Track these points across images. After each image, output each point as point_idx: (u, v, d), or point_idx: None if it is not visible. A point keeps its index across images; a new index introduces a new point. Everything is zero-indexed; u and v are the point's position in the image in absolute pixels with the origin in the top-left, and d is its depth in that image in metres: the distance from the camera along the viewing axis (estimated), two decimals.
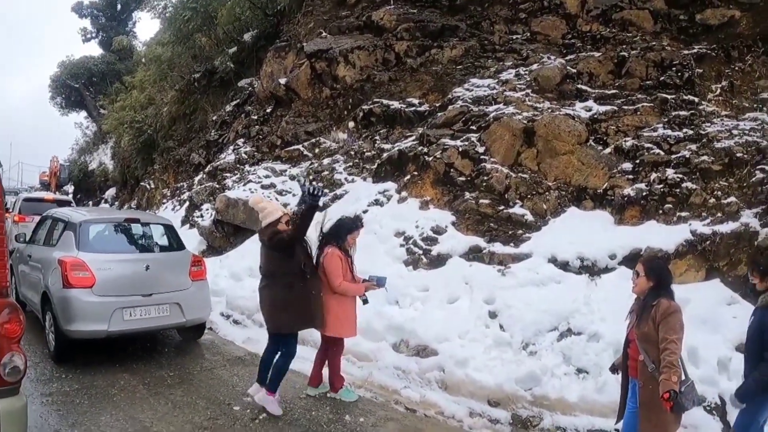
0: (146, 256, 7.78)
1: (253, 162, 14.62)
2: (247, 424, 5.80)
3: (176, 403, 6.23)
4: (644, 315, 4.58)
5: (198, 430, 5.61)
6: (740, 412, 4.93)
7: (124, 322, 7.19)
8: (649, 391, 4.48)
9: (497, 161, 9.93)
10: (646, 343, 4.54)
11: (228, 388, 6.76)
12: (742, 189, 8.44)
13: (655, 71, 10.74)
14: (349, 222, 6.64)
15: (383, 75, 13.47)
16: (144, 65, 28.32)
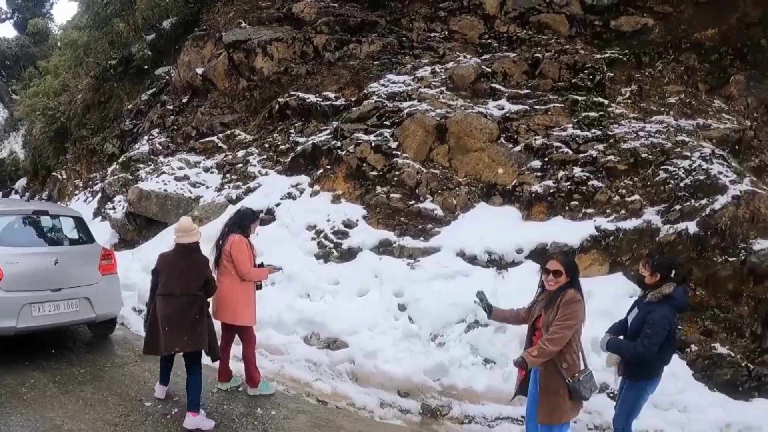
0: (55, 249, 7.48)
1: (167, 153, 14.21)
2: (159, 420, 5.81)
3: (87, 400, 6.15)
4: (552, 305, 4.68)
5: (109, 427, 5.57)
6: (625, 390, 5.22)
7: (33, 318, 6.93)
8: (549, 376, 4.62)
9: (409, 157, 9.97)
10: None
11: (139, 384, 6.70)
12: (645, 188, 8.76)
13: (567, 73, 11.00)
14: (250, 211, 6.80)
15: (301, 68, 13.32)
16: (59, 50, 27.05)
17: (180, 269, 5.79)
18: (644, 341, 4.82)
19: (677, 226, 7.89)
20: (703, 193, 8.11)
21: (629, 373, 5.15)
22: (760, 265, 7.20)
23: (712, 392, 6.62)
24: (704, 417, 6.26)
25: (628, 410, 5.23)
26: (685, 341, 7.13)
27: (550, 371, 4.61)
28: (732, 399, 6.52)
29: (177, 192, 12.28)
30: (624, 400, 5.26)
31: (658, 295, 4.99)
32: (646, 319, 4.91)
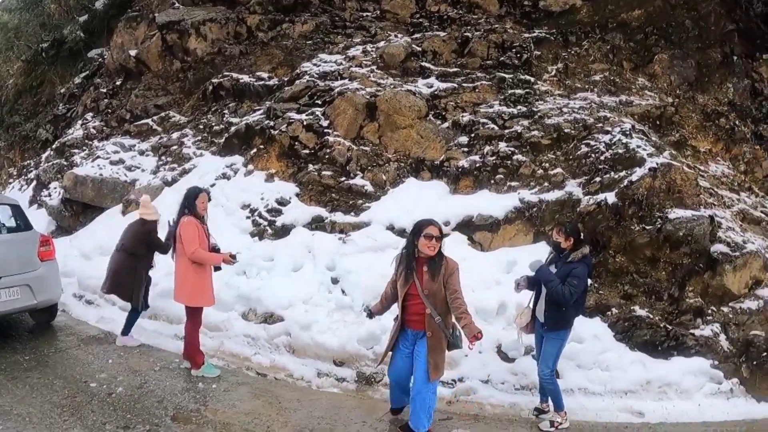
0: None
1: (101, 137, 13.94)
2: (105, 399, 5.86)
3: (34, 385, 6.15)
4: (436, 273, 5.07)
5: (57, 409, 5.59)
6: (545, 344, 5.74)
7: None
8: (435, 338, 5.08)
9: (340, 135, 10.09)
10: (435, 298, 5.08)
11: (84, 367, 6.72)
12: (568, 161, 9.11)
13: (496, 52, 11.27)
14: (193, 189, 6.76)
15: (234, 48, 13.24)
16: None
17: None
18: (570, 288, 5.43)
19: (597, 197, 8.25)
20: (622, 165, 8.49)
21: (551, 325, 5.68)
22: (675, 232, 7.63)
23: (633, 352, 6.98)
24: (625, 375, 6.67)
25: (553, 359, 5.72)
26: (606, 305, 7.51)
27: (438, 333, 5.12)
28: (651, 358, 6.91)
29: (113, 176, 12.11)
30: (546, 351, 5.73)
31: (579, 255, 5.61)
32: (571, 274, 5.49)
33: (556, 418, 5.76)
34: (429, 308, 5.07)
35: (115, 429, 5.25)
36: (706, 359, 6.89)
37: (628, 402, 6.44)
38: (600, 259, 7.90)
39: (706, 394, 6.61)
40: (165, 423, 5.42)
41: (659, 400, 6.49)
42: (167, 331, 7.97)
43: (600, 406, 6.32)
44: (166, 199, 10.13)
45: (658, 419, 6.15)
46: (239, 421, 5.55)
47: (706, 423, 6.13)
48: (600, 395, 6.52)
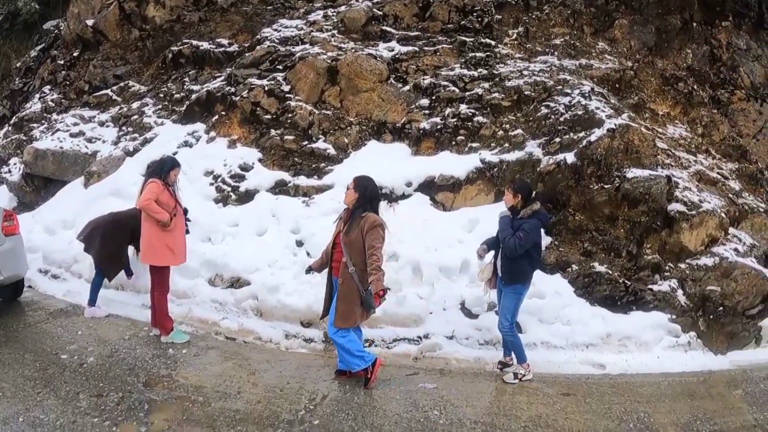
0: None
1: (60, 110, 13.64)
2: (76, 370, 5.90)
3: (4, 361, 6.11)
4: (353, 224, 5.37)
5: (29, 381, 5.61)
6: (504, 297, 5.94)
7: None
8: (346, 287, 5.39)
9: (302, 99, 10.07)
10: (351, 248, 5.34)
11: (54, 340, 6.74)
12: (528, 122, 9.23)
13: (457, 16, 11.30)
14: (170, 158, 6.99)
15: (193, 15, 13.04)
16: None
17: None
18: (518, 241, 5.62)
19: (557, 157, 8.38)
20: (581, 126, 8.63)
21: (508, 279, 5.86)
22: (633, 191, 7.81)
23: (593, 307, 7.16)
24: (586, 329, 6.85)
25: (511, 312, 5.89)
26: (566, 261, 7.69)
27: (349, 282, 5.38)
28: (611, 312, 7.10)
29: (73, 149, 11.92)
30: (504, 305, 5.92)
31: (529, 212, 5.77)
32: (521, 228, 5.68)
33: (520, 370, 5.93)
34: (345, 256, 5.37)
35: (88, 398, 5.28)
36: (664, 313, 7.09)
37: (589, 355, 6.62)
38: (560, 218, 8.08)
39: (664, 347, 6.81)
40: (137, 389, 5.49)
41: (619, 353, 6.68)
42: (135, 301, 7.98)
43: (562, 359, 6.50)
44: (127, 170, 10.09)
45: (619, 371, 6.33)
46: (210, 384, 5.62)
47: (665, 374, 6.32)
48: (562, 348, 6.69)
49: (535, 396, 5.62)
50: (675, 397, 5.79)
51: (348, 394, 5.52)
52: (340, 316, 5.44)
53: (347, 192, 5.58)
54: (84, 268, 8.82)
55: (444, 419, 5.08)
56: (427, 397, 5.52)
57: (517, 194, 5.85)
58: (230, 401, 5.30)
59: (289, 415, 5.04)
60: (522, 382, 5.88)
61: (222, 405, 5.22)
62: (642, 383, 6.06)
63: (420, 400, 5.43)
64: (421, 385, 5.76)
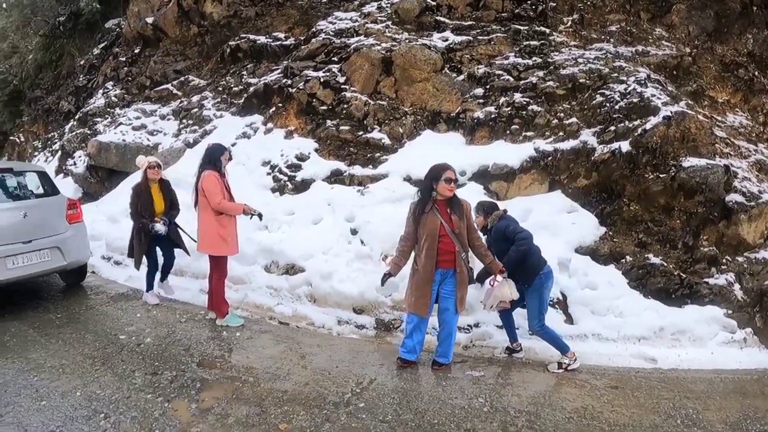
0: (22, 203, 7.53)
1: (123, 104, 14.20)
2: (134, 349, 6.10)
3: (66, 340, 6.38)
4: (460, 213, 5.45)
5: (88, 360, 5.82)
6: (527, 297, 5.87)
7: (8, 270, 7.07)
8: (462, 275, 5.49)
9: (357, 90, 10.18)
10: (460, 236, 5.43)
11: (113, 321, 6.98)
12: (582, 111, 9.06)
13: (510, 4, 11.22)
14: (218, 146, 6.95)
15: (250, 10, 13.32)
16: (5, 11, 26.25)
17: None
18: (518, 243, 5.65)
19: (611, 145, 8.21)
20: (637, 114, 8.43)
21: (526, 280, 5.81)
22: (689, 180, 7.58)
23: (647, 299, 6.97)
24: (639, 321, 6.66)
25: (538, 310, 5.81)
26: (620, 252, 7.51)
27: (464, 269, 5.52)
28: (665, 305, 6.88)
29: (135, 141, 12.36)
30: (530, 306, 5.86)
31: (495, 218, 5.94)
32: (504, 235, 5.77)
33: (564, 360, 5.80)
34: (458, 246, 5.42)
35: (143, 375, 5.46)
36: (719, 308, 6.82)
37: (641, 348, 6.42)
38: (614, 208, 7.94)
39: (719, 342, 6.54)
40: (191, 368, 5.64)
41: (672, 347, 6.47)
42: (193, 286, 8.20)
43: (613, 352, 6.34)
44: (189, 160, 10.39)
45: (670, 366, 6.12)
46: (262, 365, 5.74)
47: (717, 371, 6.07)
48: (613, 341, 6.53)
49: (583, 387, 5.49)
50: (726, 395, 5.56)
51: (395, 379, 5.54)
52: (460, 302, 5.59)
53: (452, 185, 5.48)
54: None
55: (488, 407, 5.02)
56: (473, 384, 5.48)
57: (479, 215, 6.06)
58: (279, 382, 5.38)
59: (336, 398, 5.08)
60: (567, 371, 5.77)
61: (271, 386, 5.30)
62: (693, 379, 5.85)
63: (466, 388, 5.39)
64: (468, 373, 5.73)
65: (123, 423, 4.59)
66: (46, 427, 4.53)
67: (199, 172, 6.71)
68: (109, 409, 4.82)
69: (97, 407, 4.84)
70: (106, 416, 4.69)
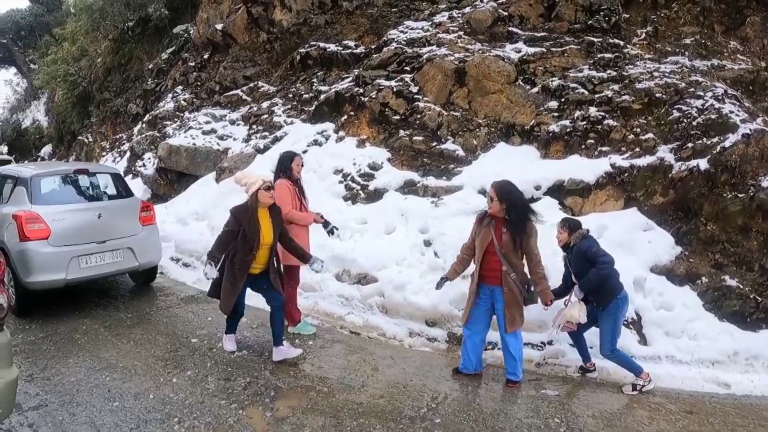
0: (97, 204, 7.84)
1: (192, 109, 14.53)
2: (206, 353, 6.21)
3: (137, 341, 6.54)
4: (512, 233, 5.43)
5: (160, 362, 5.95)
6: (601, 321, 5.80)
7: (81, 269, 7.34)
8: (511, 294, 5.49)
9: (430, 100, 10.20)
10: (507, 256, 5.44)
11: (185, 324, 7.12)
12: (659, 126, 8.88)
13: (583, 15, 11.09)
14: (287, 153, 6.94)
15: (319, 18, 13.48)
16: (74, 16, 27.02)
17: None
18: (599, 266, 5.56)
19: (689, 163, 8.02)
20: (715, 131, 8.21)
21: (598, 302, 5.76)
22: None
23: (722, 322, 6.81)
24: (713, 344, 6.50)
25: (611, 335, 5.75)
26: (696, 273, 7.33)
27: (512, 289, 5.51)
28: (740, 329, 6.70)
29: (205, 145, 12.63)
30: (603, 330, 5.78)
31: (578, 237, 5.79)
32: (585, 255, 5.66)
33: (638, 381, 5.73)
34: (505, 265, 5.43)
35: (216, 381, 5.52)
36: None
37: (714, 372, 6.27)
38: (691, 227, 7.75)
39: None
40: (264, 375, 5.68)
41: (745, 372, 6.30)
42: None
43: (686, 375, 6.19)
44: (258, 166, 10.50)
45: (744, 392, 5.96)
46: (335, 375, 5.75)
47: None
48: (687, 364, 6.38)
49: (657, 411, 5.40)
50: None
51: (470, 395, 5.51)
52: (510, 322, 5.55)
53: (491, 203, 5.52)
54: None
55: (564, 428, 4.96)
56: (548, 404, 5.42)
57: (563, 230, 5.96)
58: (354, 394, 5.36)
59: (411, 412, 5.05)
60: (642, 393, 5.70)
61: (346, 397, 5.30)
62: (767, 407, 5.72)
63: (541, 407, 5.33)
64: (543, 392, 5.67)
65: (197, 428, 4.65)
66: (120, 428, 4.62)
67: (274, 180, 6.67)
68: (182, 413, 4.89)
69: (171, 411, 4.93)
70: (180, 421, 4.77)
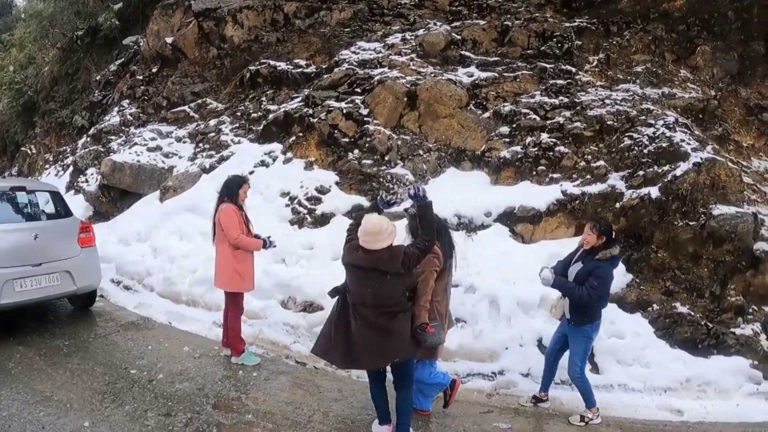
0: (34, 224, 7.42)
1: (138, 124, 14.09)
2: (145, 386, 5.92)
3: (74, 371, 6.23)
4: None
5: (98, 395, 5.66)
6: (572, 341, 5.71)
7: (16, 293, 6.94)
8: None
9: (380, 123, 10.07)
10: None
11: (123, 353, 6.80)
12: (610, 154, 8.96)
13: (536, 41, 11.17)
14: (235, 178, 6.80)
15: (271, 36, 13.32)
16: (24, 22, 26.28)
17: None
18: (590, 291, 5.35)
19: (640, 191, 8.12)
20: (666, 159, 8.33)
21: (575, 319, 5.60)
22: (719, 229, 7.49)
23: (673, 349, 6.88)
24: (665, 372, 6.57)
25: (582, 357, 5.67)
26: (647, 300, 7.40)
27: None
28: (692, 356, 6.78)
29: (150, 162, 12.23)
30: (574, 350, 5.69)
31: (607, 255, 5.50)
32: (594, 273, 5.41)
33: (587, 413, 5.71)
34: None
35: (156, 416, 5.28)
36: (745, 359, 6.77)
37: (667, 400, 6.34)
38: (642, 254, 7.81)
39: (744, 394, 6.48)
40: (206, 411, 5.45)
41: (698, 399, 6.39)
42: (206, 318, 7.99)
43: (639, 403, 6.25)
44: (203, 187, 10.25)
45: (698, 418, 6.03)
46: (281, 411, 5.56)
47: (743, 423, 6.00)
48: (639, 391, 6.44)
49: None
50: None
51: (420, 430, 5.39)
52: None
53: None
54: (156, 281, 9.00)
55: None
56: None
57: (602, 236, 5.55)
58: (300, 431, 5.21)
59: None
60: (588, 426, 5.67)
61: None
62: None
63: None
64: (495, 425, 5.59)
65: None
66: None
67: (218, 204, 6.56)
68: None
69: None
70: None
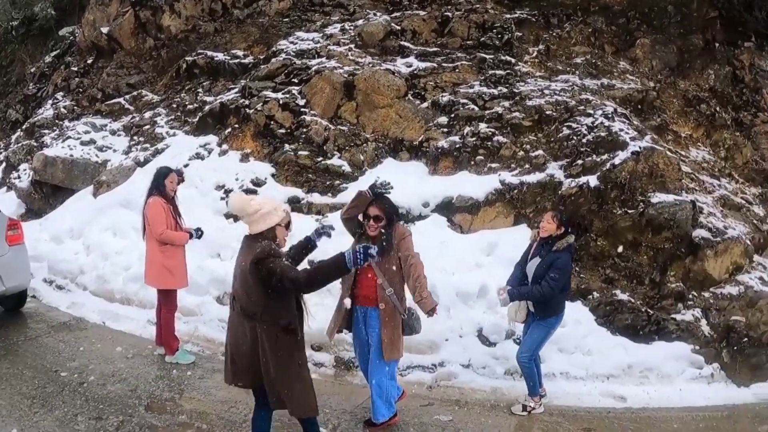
0: None
1: (72, 117, 13.67)
2: (76, 389, 5.83)
3: (3, 375, 6.12)
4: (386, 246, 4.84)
5: (27, 400, 5.58)
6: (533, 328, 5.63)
7: None
8: (388, 313, 4.89)
9: (317, 114, 9.92)
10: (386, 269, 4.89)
11: (54, 355, 6.69)
12: (549, 143, 9.01)
13: (476, 32, 11.12)
14: (163, 169, 6.63)
15: (209, 26, 13.11)
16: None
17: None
18: (551, 283, 5.26)
19: (579, 179, 8.17)
20: (605, 149, 8.40)
21: (540, 313, 5.54)
22: (657, 217, 7.59)
23: (614, 336, 6.93)
24: (607, 359, 6.61)
25: (537, 344, 5.61)
26: (587, 288, 7.46)
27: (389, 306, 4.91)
28: (633, 342, 6.85)
29: (83, 157, 11.92)
30: (531, 336, 5.62)
31: (564, 244, 5.44)
32: (554, 265, 5.32)
33: (530, 402, 5.70)
34: (380, 279, 4.86)
35: (87, 420, 5.18)
36: (687, 344, 6.85)
37: (610, 386, 6.40)
38: (581, 243, 7.82)
39: (686, 379, 6.58)
40: (138, 413, 5.36)
41: (641, 385, 6.46)
42: (140, 316, 7.82)
43: (582, 391, 6.29)
44: (138, 180, 9.96)
45: (641, 404, 6.10)
46: (215, 410, 5.47)
47: (687, 408, 6.08)
48: (582, 379, 6.47)
49: (555, 431, 5.43)
50: None
51: (359, 424, 5.32)
52: (388, 346, 4.86)
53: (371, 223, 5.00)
54: (89, 280, 8.76)
55: None
56: (441, 431, 5.32)
57: (561, 226, 5.51)
58: (235, 430, 5.12)
59: None
60: (531, 414, 5.67)
61: None
62: (665, 418, 5.84)
63: None
64: (435, 417, 5.55)
65: None
66: None
67: (146, 198, 6.39)
68: None
69: None
70: None
